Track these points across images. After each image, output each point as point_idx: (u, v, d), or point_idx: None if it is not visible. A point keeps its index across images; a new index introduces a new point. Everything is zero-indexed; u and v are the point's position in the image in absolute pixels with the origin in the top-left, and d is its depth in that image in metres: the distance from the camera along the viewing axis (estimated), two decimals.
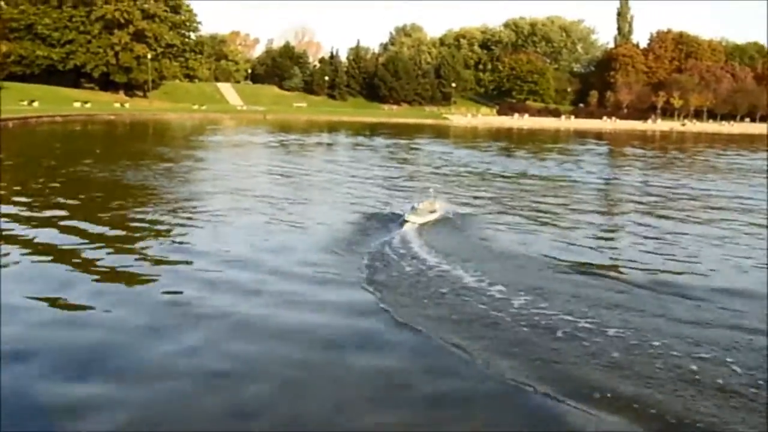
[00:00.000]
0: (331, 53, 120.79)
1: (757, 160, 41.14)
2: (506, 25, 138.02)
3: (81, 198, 16.45)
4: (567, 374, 6.25)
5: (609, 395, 5.83)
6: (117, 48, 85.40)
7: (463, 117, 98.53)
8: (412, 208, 14.13)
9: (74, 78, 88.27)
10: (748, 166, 35.42)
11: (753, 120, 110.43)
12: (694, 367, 6.38)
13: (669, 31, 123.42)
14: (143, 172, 21.92)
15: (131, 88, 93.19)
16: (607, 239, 13.96)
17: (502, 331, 7.25)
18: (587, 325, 7.41)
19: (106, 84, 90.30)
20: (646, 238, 13.61)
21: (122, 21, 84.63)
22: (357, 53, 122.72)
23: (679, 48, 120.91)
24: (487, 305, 8.06)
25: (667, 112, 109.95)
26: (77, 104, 73.68)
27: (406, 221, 13.26)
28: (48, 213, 13.82)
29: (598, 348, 6.83)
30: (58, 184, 18.66)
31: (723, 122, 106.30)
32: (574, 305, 8.16)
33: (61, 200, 15.76)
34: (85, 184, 19.13)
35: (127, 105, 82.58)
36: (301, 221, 14.20)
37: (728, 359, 6.61)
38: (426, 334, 7.14)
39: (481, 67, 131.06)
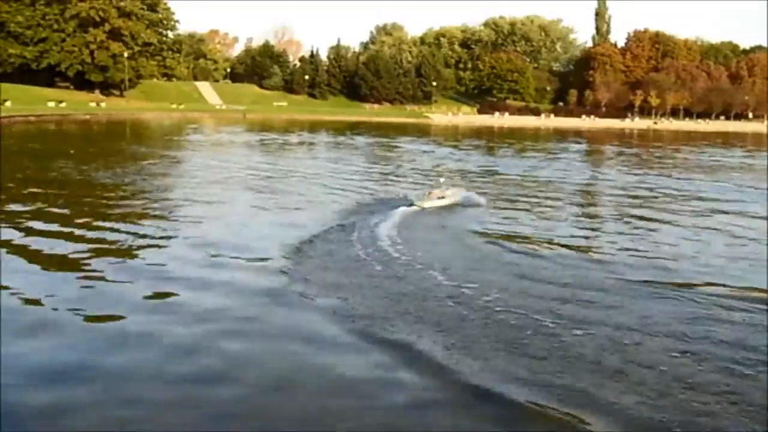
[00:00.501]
0: (312, 52, 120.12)
1: (732, 157, 41.72)
2: (486, 25, 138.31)
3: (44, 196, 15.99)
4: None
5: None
6: (92, 46, 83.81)
7: (444, 116, 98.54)
8: (425, 194, 15.36)
9: (48, 77, 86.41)
10: (723, 163, 35.93)
11: (728, 118, 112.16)
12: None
13: (646, 31, 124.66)
14: (114, 172, 21.48)
15: (107, 87, 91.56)
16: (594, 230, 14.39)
17: None
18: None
19: (82, 83, 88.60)
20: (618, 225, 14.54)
21: (97, 19, 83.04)
22: (338, 52, 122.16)
23: (655, 47, 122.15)
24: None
25: (645, 111, 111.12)
26: (51, 104, 72.19)
27: (413, 204, 14.47)
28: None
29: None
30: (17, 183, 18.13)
31: (699, 120, 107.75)
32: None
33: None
34: (57, 183, 18.64)
35: (103, 104, 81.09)
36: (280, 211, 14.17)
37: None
38: None
39: (461, 66, 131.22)
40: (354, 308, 7.75)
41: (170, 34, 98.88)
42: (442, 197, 15.21)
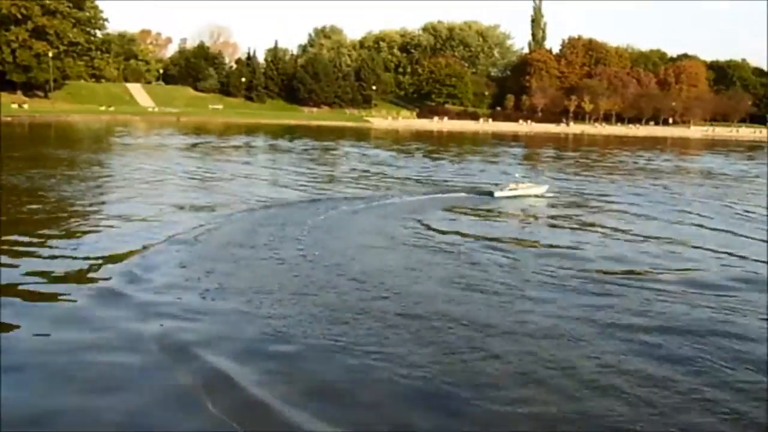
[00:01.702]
0: (248, 54, 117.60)
1: (665, 161, 43.05)
2: (425, 29, 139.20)
3: None
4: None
5: None
6: (14, 45, 79.01)
7: (384, 120, 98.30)
8: (501, 186, 20.01)
9: None
10: (655, 167, 36.94)
11: (656, 123, 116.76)
12: None
13: (579, 38, 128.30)
14: (27, 176, 19.87)
15: (31, 88, 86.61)
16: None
17: None
18: None
19: (3, 84, 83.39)
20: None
21: (19, 16, 78.30)
22: (275, 54, 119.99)
23: (589, 54, 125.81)
24: None
25: (579, 116, 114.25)
26: None
27: (492, 193, 19.53)
28: None
29: None
30: None
31: (630, 125, 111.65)
32: None
33: None
34: None
35: (25, 106, 76.68)
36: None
37: None
38: None
39: (400, 70, 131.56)
40: None
41: (98, 33, 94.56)
42: (514, 189, 19.74)
